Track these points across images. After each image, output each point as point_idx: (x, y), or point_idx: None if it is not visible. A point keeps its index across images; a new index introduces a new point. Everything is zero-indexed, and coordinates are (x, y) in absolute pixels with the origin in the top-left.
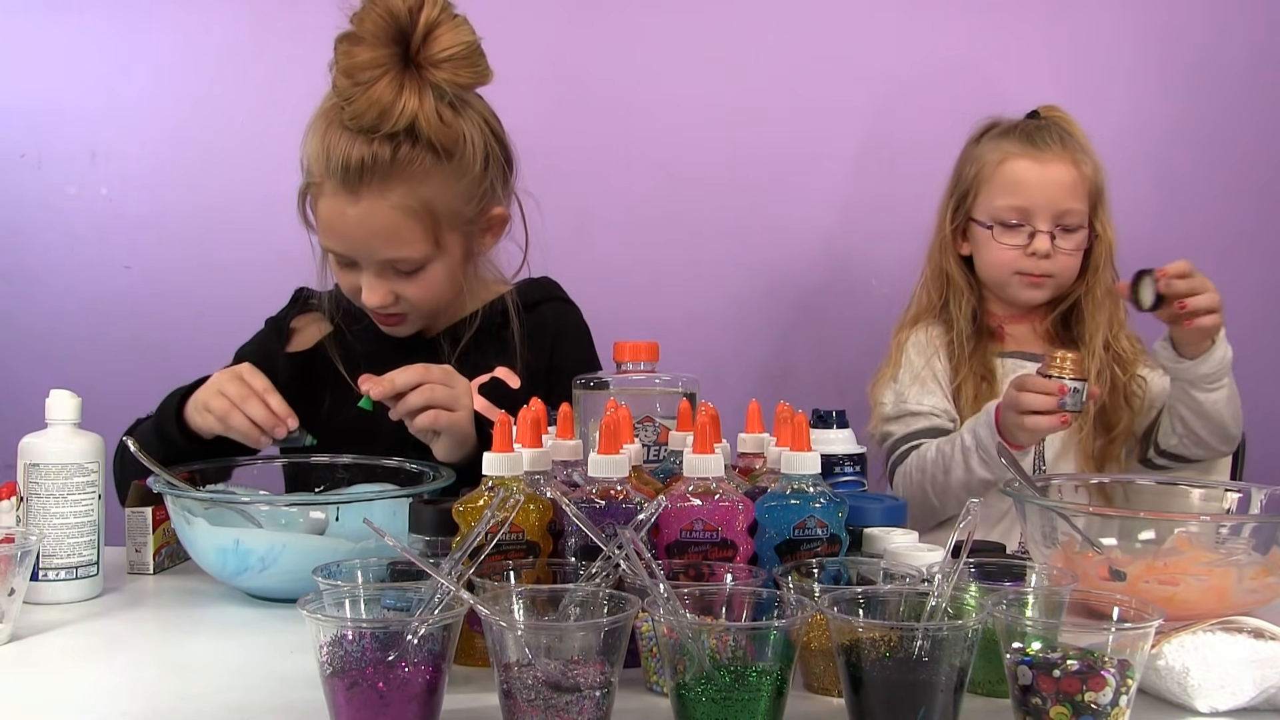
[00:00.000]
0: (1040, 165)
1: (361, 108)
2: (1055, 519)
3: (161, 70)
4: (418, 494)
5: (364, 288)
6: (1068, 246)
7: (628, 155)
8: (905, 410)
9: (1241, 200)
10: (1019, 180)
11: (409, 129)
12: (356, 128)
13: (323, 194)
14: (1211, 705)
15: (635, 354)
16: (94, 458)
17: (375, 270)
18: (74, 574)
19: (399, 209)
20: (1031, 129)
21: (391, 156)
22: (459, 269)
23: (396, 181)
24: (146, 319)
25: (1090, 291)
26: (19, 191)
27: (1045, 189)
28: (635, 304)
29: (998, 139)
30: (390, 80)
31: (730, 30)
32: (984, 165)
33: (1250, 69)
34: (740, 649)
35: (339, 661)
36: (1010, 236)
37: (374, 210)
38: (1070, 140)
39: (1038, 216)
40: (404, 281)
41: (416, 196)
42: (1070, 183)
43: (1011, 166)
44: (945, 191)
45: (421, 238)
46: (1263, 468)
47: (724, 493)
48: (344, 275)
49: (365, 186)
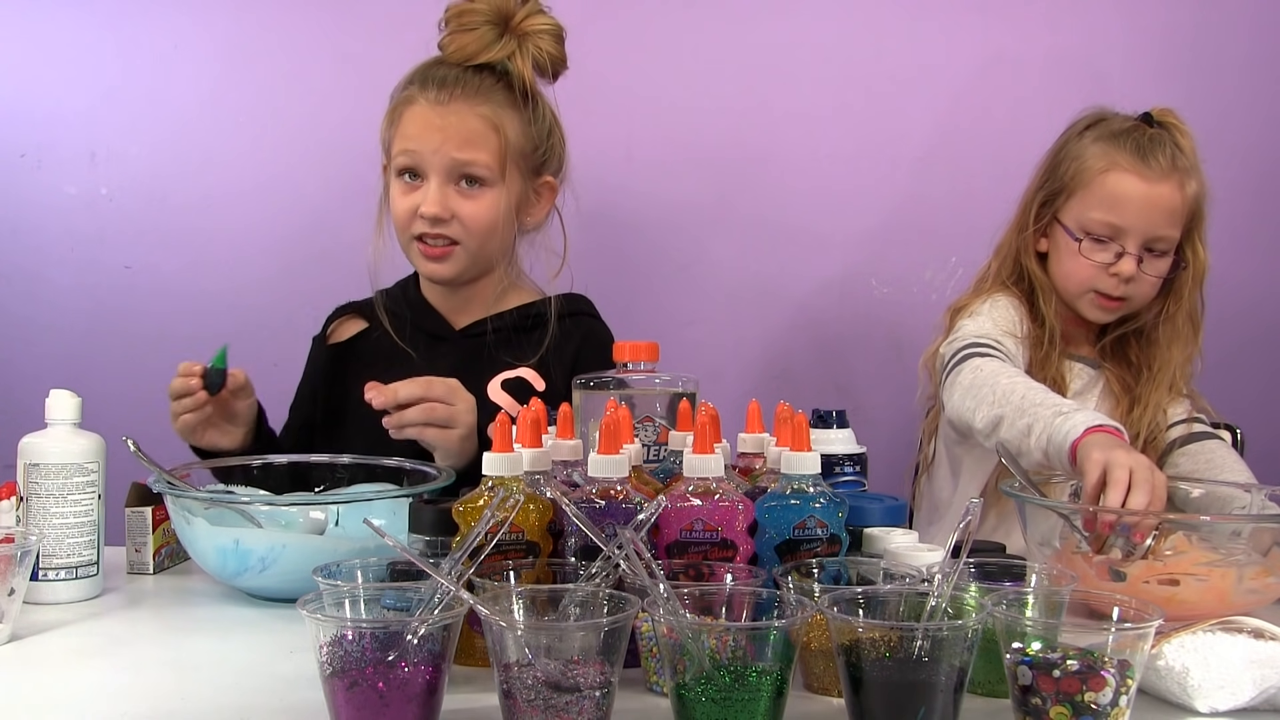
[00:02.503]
0: (1147, 184)
1: (462, 41)
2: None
3: (161, 70)
4: (418, 494)
5: (426, 199)
6: (1152, 273)
7: (628, 155)
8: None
9: (1241, 199)
10: (1121, 196)
11: (501, 68)
12: (451, 60)
13: (412, 104)
14: (1211, 705)
15: (635, 354)
16: (94, 458)
17: (441, 178)
18: (74, 574)
19: (481, 118)
20: (1144, 141)
21: (480, 82)
22: (512, 217)
23: (482, 100)
24: (146, 319)
25: (1171, 319)
26: (19, 191)
27: (1145, 211)
28: (635, 304)
29: (1105, 143)
30: (490, 30)
31: (730, 30)
32: (1085, 169)
33: (1249, 67)
34: (740, 649)
35: (339, 661)
36: (1097, 252)
37: (460, 114)
38: (1181, 158)
39: (1130, 237)
40: (463, 199)
41: (497, 116)
42: (1172, 208)
43: (1116, 180)
44: (1033, 183)
45: (493, 152)
46: (1263, 467)
47: (724, 493)
48: (404, 197)
49: (455, 98)
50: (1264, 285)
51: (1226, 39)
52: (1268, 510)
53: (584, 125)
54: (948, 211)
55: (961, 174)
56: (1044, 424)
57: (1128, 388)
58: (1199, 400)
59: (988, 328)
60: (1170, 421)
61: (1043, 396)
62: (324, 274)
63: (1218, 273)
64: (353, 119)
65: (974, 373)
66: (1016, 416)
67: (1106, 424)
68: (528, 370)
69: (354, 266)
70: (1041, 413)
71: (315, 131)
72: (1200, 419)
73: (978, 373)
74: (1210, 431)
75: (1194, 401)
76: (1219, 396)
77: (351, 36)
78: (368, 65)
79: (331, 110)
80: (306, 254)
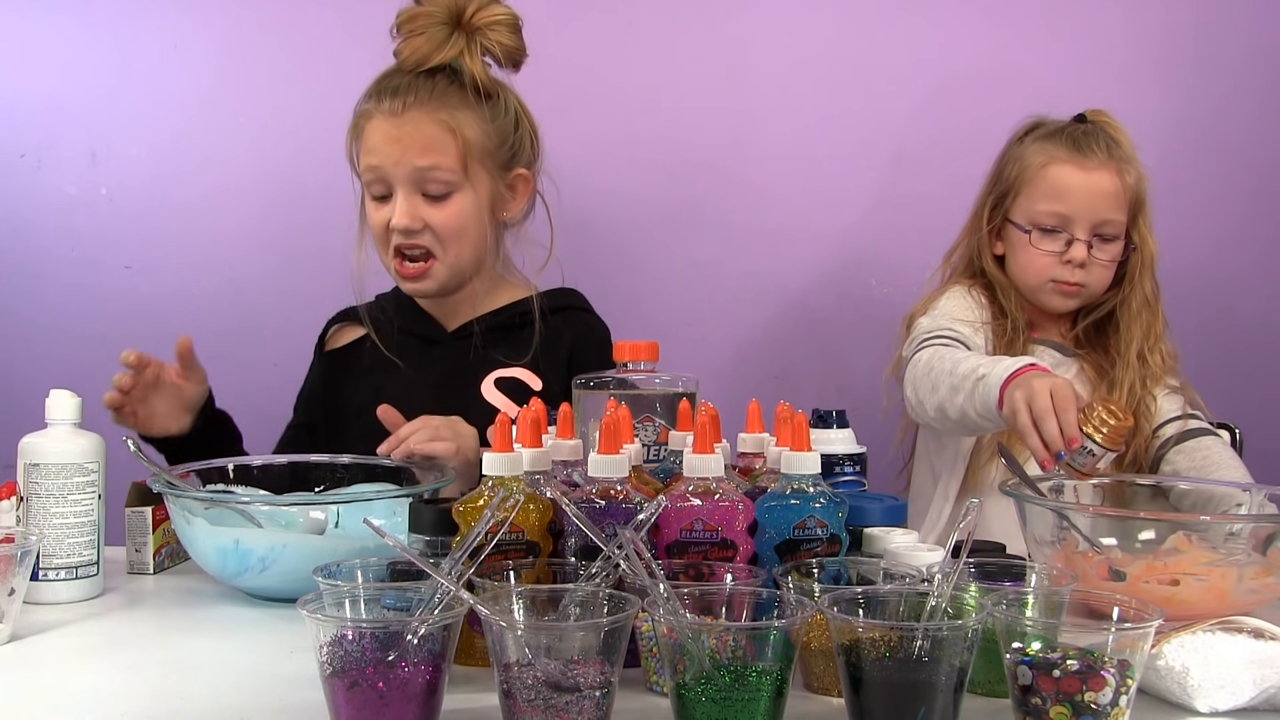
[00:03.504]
0: (1085, 173)
1: (409, 49)
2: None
3: (161, 70)
4: (418, 494)
5: (395, 211)
6: (1103, 258)
7: (628, 155)
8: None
9: (1241, 198)
10: (1062, 186)
11: (451, 68)
12: (405, 67)
13: (370, 120)
14: (1211, 705)
15: (635, 354)
16: (94, 457)
17: (407, 189)
18: (74, 574)
19: (436, 123)
20: (1078, 134)
21: (433, 87)
22: (486, 218)
23: (436, 104)
24: (146, 319)
25: (1126, 302)
26: (19, 191)
27: (1087, 198)
28: (635, 304)
29: (1043, 141)
30: (441, 30)
31: (731, 30)
32: (1027, 167)
33: (1248, 66)
34: (740, 649)
35: (339, 661)
36: (1048, 242)
37: (415, 122)
38: (1116, 149)
39: (1077, 224)
40: (432, 207)
41: (454, 119)
42: (1113, 192)
43: (1055, 171)
44: (982, 190)
45: (454, 156)
46: (1263, 467)
47: (724, 493)
48: (377, 212)
49: (409, 107)
50: (1264, 285)
51: (1227, 39)
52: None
53: (584, 125)
54: (948, 211)
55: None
56: (968, 395)
57: (1103, 373)
58: (1190, 393)
59: (940, 321)
60: (1165, 419)
61: (969, 366)
62: (324, 273)
63: (1218, 272)
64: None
65: (914, 366)
66: (953, 396)
67: (1018, 367)
68: (522, 370)
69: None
70: (966, 384)
71: (315, 131)
72: (1196, 415)
73: (916, 366)
74: (1206, 428)
75: (1185, 394)
76: (1218, 396)
77: (351, 36)
78: (367, 65)
79: (331, 110)
80: (306, 254)
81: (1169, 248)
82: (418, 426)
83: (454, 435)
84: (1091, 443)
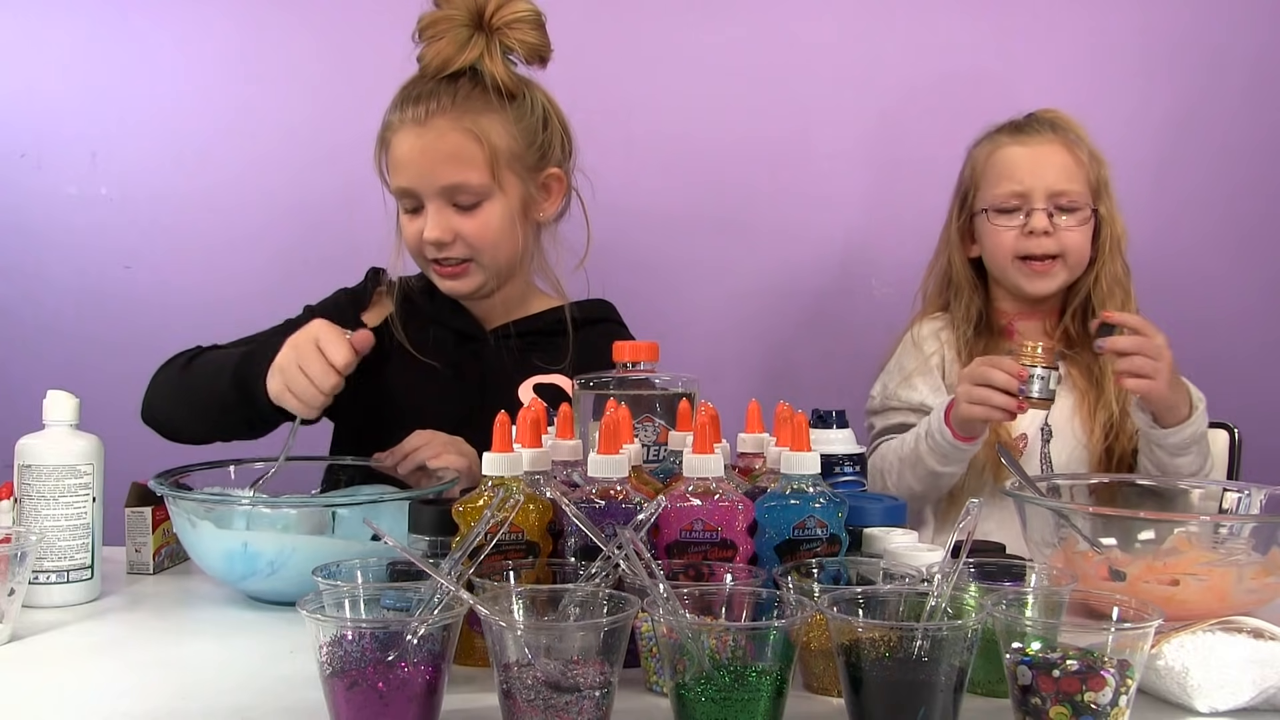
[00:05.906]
0: (1029, 148)
1: (433, 53)
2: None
3: (161, 70)
4: (423, 495)
5: (427, 225)
6: (1070, 224)
7: (628, 155)
8: (887, 405)
9: (1242, 199)
10: (1010, 164)
11: (472, 71)
12: (427, 73)
13: (396, 133)
14: (1211, 705)
15: (635, 354)
16: (88, 459)
17: (437, 202)
18: (65, 577)
19: (461, 132)
20: (1021, 121)
21: (455, 92)
22: (519, 222)
23: (460, 112)
24: (146, 319)
25: (1097, 282)
26: (19, 191)
27: (1037, 169)
28: (635, 303)
29: (991, 135)
30: (463, 32)
31: (732, 30)
32: (979, 161)
33: (1254, 67)
34: (740, 649)
35: (339, 662)
36: (1007, 219)
37: (439, 134)
38: (1061, 129)
39: (1033, 196)
40: (463, 218)
41: (478, 125)
42: (1062, 164)
43: (1002, 154)
44: (952, 199)
45: (481, 166)
46: (1262, 467)
47: (724, 493)
48: (409, 225)
49: (431, 117)
50: (1264, 285)
51: (1226, 39)
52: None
53: (584, 125)
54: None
55: None
56: (926, 453)
57: (1091, 375)
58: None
59: (890, 401)
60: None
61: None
62: (325, 273)
63: (1218, 273)
64: (353, 119)
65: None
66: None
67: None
68: (560, 376)
69: (355, 266)
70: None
71: (316, 131)
72: None
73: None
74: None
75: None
76: (1218, 396)
77: (351, 36)
78: (367, 65)
79: (332, 110)
80: (307, 253)
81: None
82: (425, 440)
83: (460, 454)
84: (1036, 369)
